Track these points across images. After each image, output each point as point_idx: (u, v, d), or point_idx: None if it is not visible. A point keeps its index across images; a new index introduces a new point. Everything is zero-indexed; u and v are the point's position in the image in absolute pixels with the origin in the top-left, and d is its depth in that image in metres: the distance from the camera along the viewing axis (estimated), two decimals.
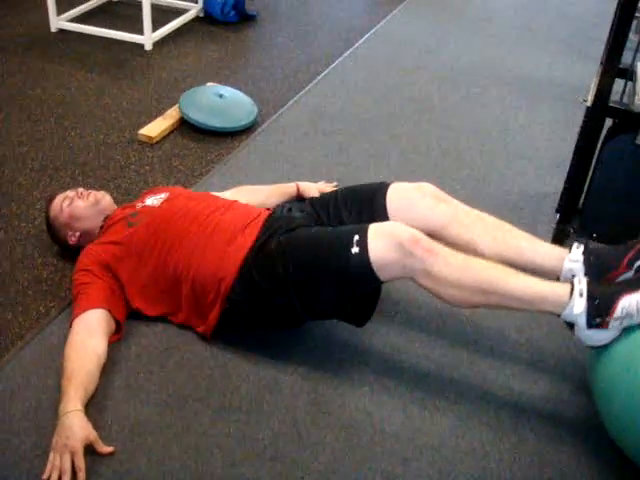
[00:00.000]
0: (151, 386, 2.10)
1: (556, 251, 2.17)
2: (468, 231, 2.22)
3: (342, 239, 2.05)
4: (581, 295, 1.88)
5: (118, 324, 2.22)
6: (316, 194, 2.78)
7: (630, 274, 2.01)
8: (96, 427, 1.94)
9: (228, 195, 2.67)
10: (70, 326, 2.15)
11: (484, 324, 2.42)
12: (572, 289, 1.90)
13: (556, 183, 3.00)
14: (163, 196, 2.42)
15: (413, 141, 3.54)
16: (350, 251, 1.99)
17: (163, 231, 2.28)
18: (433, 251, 1.97)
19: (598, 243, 2.65)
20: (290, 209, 2.41)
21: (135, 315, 2.30)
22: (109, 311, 2.18)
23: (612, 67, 2.45)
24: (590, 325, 1.87)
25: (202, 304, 2.22)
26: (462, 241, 2.21)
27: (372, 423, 2.04)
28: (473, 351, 2.31)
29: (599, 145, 2.66)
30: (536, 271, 2.14)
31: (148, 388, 2.10)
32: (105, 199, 2.50)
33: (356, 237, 2.01)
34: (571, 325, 1.92)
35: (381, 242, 1.98)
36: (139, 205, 2.41)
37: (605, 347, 1.90)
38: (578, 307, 1.87)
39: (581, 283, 1.90)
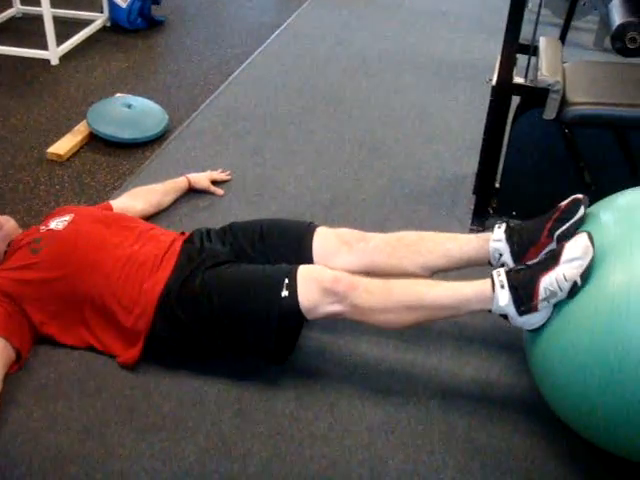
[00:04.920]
0: (71, 413, 2.03)
1: (481, 238, 2.19)
2: (392, 257, 2.22)
3: (272, 281, 2.06)
4: (502, 287, 1.89)
5: (19, 352, 2.14)
6: (206, 184, 3.00)
7: (553, 244, 2.02)
8: (17, 462, 1.88)
9: (125, 200, 2.68)
10: None
11: None
12: (493, 283, 1.91)
13: (473, 164, 3.00)
14: (67, 218, 2.34)
15: (328, 135, 3.51)
16: (280, 294, 2.01)
17: (69, 257, 2.20)
18: (353, 284, 2.01)
19: (518, 220, 2.66)
20: (209, 233, 2.38)
21: (50, 342, 2.23)
22: (6, 338, 2.10)
23: (512, 43, 2.44)
24: (520, 313, 1.87)
25: (121, 336, 2.18)
26: (390, 268, 2.22)
27: (299, 428, 2.01)
28: (399, 342, 2.29)
29: (510, 123, 2.66)
30: (470, 265, 2.19)
31: (68, 415, 2.03)
32: (9, 223, 2.40)
33: (286, 280, 2.03)
34: (505, 316, 1.93)
35: (308, 286, 2.01)
36: (43, 229, 2.32)
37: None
38: (503, 299, 1.88)
39: (500, 275, 1.91)
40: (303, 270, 2.06)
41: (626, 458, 1.89)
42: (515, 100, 2.60)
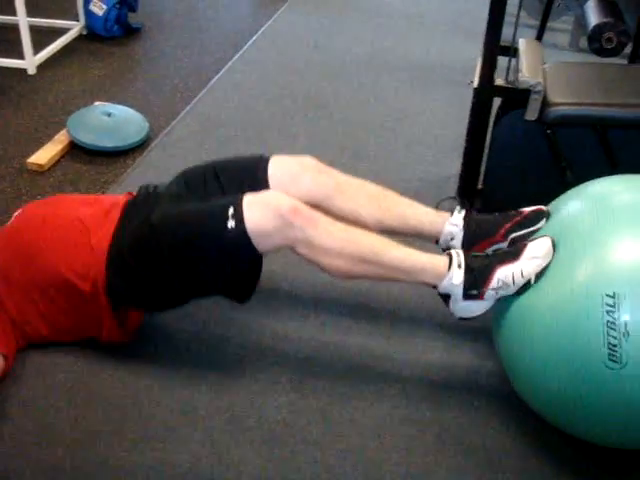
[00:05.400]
0: (62, 425, 2.02)
1: (438, 216, 2.21)
2: (351, 201, 2.20)
3: (216, 212, 1.97)
4: (459, 266, 1.92)
5: (5, 357, 2.11)
6: None
7: (504, 245, 2.07)
8: (7, 477, 1.87)
9: None
10: None
11: (396, 317, 2.42)
12: (450, 261, 1.94)
13: (455, 166, 3.01)
14: (16, 213, 2.34)
15: (309, 140, 3.51)
16: (226, 224, 1.92)
17: (16, 246, 2.19)
18: (313, 220, 1.96)
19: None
20: (156, 187, 2.32)
21: (39, 353, 2.21)
22: None
23: (493, 45, 2.47)
24: (466, 296, 1.91)
25: (85, 308, 2.13)
26: (345, 211, 2.18)
27: (292, 434, 2.00)
28: (388, 346, 2.30)
29: (491, 124, 2.68)
30: (420, 236, 2.20)
31: (59, 428, 2.01)
32: None
33: (231, 210, 1.94)
34: (446, 297, 1.96)
35: (258, 212, 1.93)
36: None
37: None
38: (457, 278, 1.91)
39: (459, 255, 1.95)
40: (252, 197, 1.97)
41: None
42: (496, 102, 2.62)
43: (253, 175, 2.20)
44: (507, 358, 1.98)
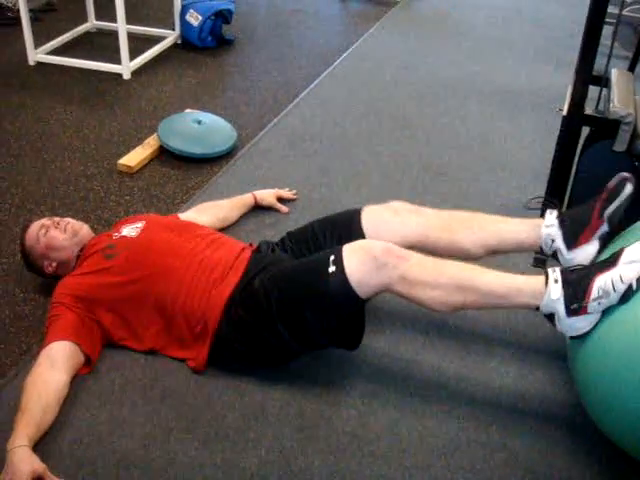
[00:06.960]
0: (136, 419, 2.08)
1: (532, 223, 2.24)
2: (445, 232, 2.27)
3: (319, 261, 2.09)
4: (556, 282, 1.90)
5: (89, 357, 2.20)
6: (272, 201, 3.03)
7: (605, 227, 2.07)
8: (81, 463, 1.93)
9: (191, 214, 2.75)
10: None
11: (471, 339, 2.41)
12: (547, 278, 1.92)
13: (538, 193, 2.99)
14: (140, 225, 2.41)
15: (394, 158, 3.53)
16: (327, 270, 2.02)
17: (143, 263, 2.27)
18: (405, 257, 2.01)
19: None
20: (273, 248, 2.45)
21: (118, 348, 2.28)
22: (77, 344, 2.17)
23: (585, 75, 2.45)
24: (569, 311, 1.87)
25: (188, 340, 2.23)
26: (443, 243, 2.27)
27: (360, 446, 2.02)
28: (460, 368, 2.30)
29: (578, 153, 2.65)
30: (520, 248, 2.25)
31: (133, 421, 2.07)
32: (83, 230, 2.48)
33: (332, 257, 2.04)
34: (551, 317, 1.93)
35: (355, 258, 2.01)
36: (115, 235, 2.39)
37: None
38: (555, 293, 1.88)
39: (555, 272, 1.92)
40: (349, 245, 2.07)
41: None
42: (584, 131, 2.60)
43: (348, 229, 2.34)
44: (583, 387, 1.95)
